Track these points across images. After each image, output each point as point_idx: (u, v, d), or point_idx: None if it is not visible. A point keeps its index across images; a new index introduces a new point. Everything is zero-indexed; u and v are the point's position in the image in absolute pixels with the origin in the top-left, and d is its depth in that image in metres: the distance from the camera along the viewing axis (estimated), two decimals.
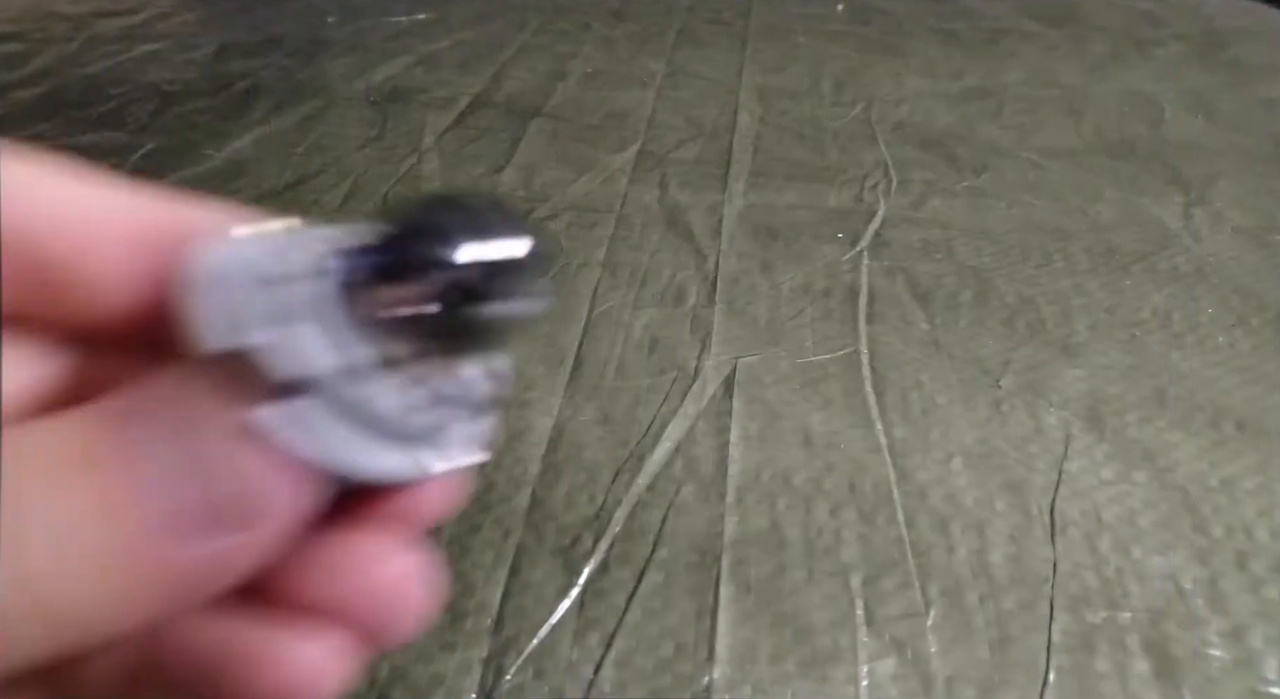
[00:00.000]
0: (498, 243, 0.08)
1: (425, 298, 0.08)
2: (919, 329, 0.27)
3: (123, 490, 0.08)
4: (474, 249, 0.08)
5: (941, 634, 0.17)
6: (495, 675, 0.16)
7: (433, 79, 0.47)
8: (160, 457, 0.08)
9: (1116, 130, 0.41)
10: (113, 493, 0.08)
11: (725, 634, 0.17)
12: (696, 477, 0.21)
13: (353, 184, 0.35)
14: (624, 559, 0.18)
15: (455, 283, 0.08)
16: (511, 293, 0.08)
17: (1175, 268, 0.30)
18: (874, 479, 0.21)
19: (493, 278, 0.08)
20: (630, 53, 0.51)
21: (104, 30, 0.53)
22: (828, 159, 0.38)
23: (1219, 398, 0.24)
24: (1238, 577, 0.19)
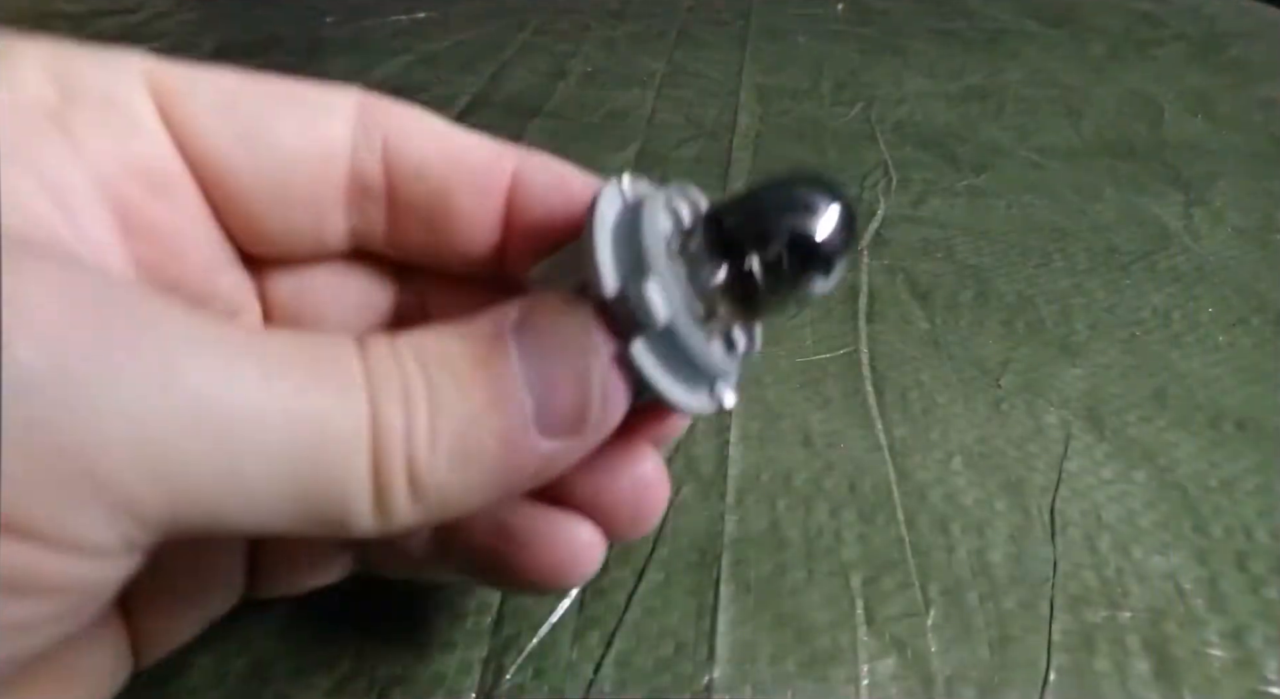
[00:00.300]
0: (825, 221, 0.10)
1: (753, 269, 0.10)
2: (919, 328, 0.27)
3: (511, 389, 0.10)
4: (806, 229, 0.10)
5: (941, 634, 0.17)
6: (495, 675, 0.16)
7: (432, 78, 0.47)
8: (543, 366, 0.10)
9: (1116, 130, 0.41)
10: (503, 390, 0.10)
11: (725, 634, 0.17)
12: (697, 476, 0.21)
13: None
14: (624, 558, 0.18)
15: (777, 259, 0.10)
16: (820, 271, 0.10)
17: (1175, 267, 0.30)
18: (874, 479, 0.21)
19: (809, 258, 0.10)
20: (630, 52, 0.51)
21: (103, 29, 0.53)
22: (827, 158, 0.38)
23: (1219, 397, 0.24)
24: (1238, 577, 0.19)
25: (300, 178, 0.11)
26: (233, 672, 0.16)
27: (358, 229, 0.12)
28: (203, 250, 0.12)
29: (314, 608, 0.17)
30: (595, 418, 0.10)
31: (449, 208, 0.12)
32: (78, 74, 0.10)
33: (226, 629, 0.17)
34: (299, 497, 0.09)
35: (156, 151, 0.11)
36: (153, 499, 0.08)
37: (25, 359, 0.07)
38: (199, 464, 0.08)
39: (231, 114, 0.11)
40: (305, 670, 0.16)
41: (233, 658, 0.16)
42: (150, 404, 0.08)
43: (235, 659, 0.16)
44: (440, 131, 0.12)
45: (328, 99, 0.12)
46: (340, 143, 0.12)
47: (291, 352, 0.09)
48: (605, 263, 0.10)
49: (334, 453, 0.09)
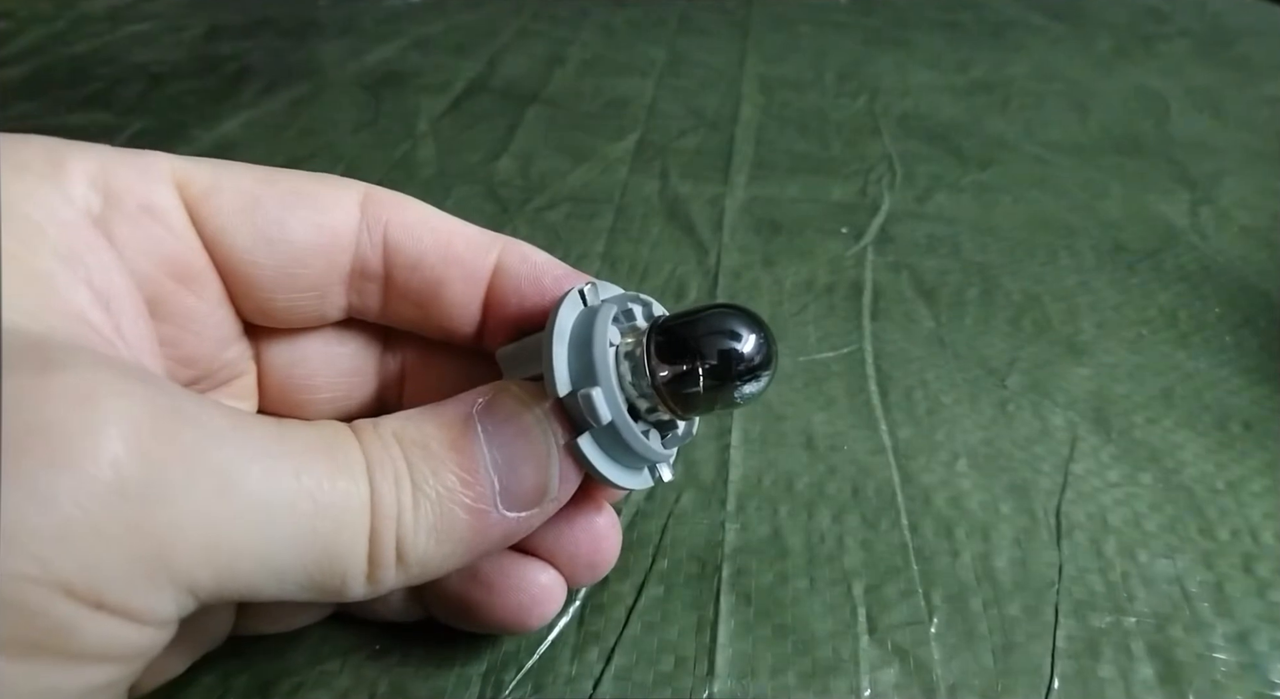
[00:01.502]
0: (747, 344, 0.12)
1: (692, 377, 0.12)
2: (924, 326, 0.26)
3: (479, 470, 0.11)
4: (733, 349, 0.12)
5: (945, 642, 0.17)
6: (494, 690, 0.16)
7: (427, 63, 0.46)
8: (506, 451, 0.11)
9: (1123, 126, 0.40)
10: (472, 472, 0.11)
11: (725, 646, 0.17)
12: (696, 483, 0.20)
13: (345, 169, 0.35)
14: (623, 573, 0.18)
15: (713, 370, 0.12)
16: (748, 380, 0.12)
17: (1182, 266, 0.30)
18: (877, 483, 0.21)
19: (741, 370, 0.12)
20: (630, 39, 0.51)
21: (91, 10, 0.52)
22: (831, 151, 0.38)
23: (1226, 398, 0.24)
24: (1244, 580, 0.18)
25: (309, 269, 0.13)
26: (233, 690, 0.16)
27: (355, 304, 0.14)
28: (218, 328, 0.14)
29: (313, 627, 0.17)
30: (551, 495, 0.12)
31: (439, 294, 0.14)
32: (118, 182, 0.12)
33: (227, 648, 0.16)
34: (311, 571, 0.10)
35: (185, 248, 0.13)
36: (206, 580, 0.09)
37: (125, 468, 0.09)
38: (245, 552, 0.10)
39: (250, 216, 0.13)
40: (305, 687, 0.16)
41: (234, 676, 0.16)
42: (214, 507, 0.09)
43: (236, 677, 0.16)
44: (434, 225, 0.14)
45: (337, 195, 0.13)
46: (346, 237, 0.13)
47: (313, 445, 0.11)
48: (559, 369, 0.12)
49: (344, 534, 0.10)
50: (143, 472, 0.09)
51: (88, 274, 0.11)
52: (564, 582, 0.15)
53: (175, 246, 0.12)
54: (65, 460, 0.08)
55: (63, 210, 0.11)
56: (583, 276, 0.14)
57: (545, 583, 0.14)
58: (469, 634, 0.17)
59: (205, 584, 0.09)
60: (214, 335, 0.13)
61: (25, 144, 0.11)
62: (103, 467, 0.08)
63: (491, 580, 0.14)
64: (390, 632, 0.17)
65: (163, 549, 0.09)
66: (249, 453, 0.10)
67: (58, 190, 0.11)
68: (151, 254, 0.12)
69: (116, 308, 0.11)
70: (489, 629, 0.15)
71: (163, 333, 0.13)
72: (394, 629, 0.17)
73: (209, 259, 0.13)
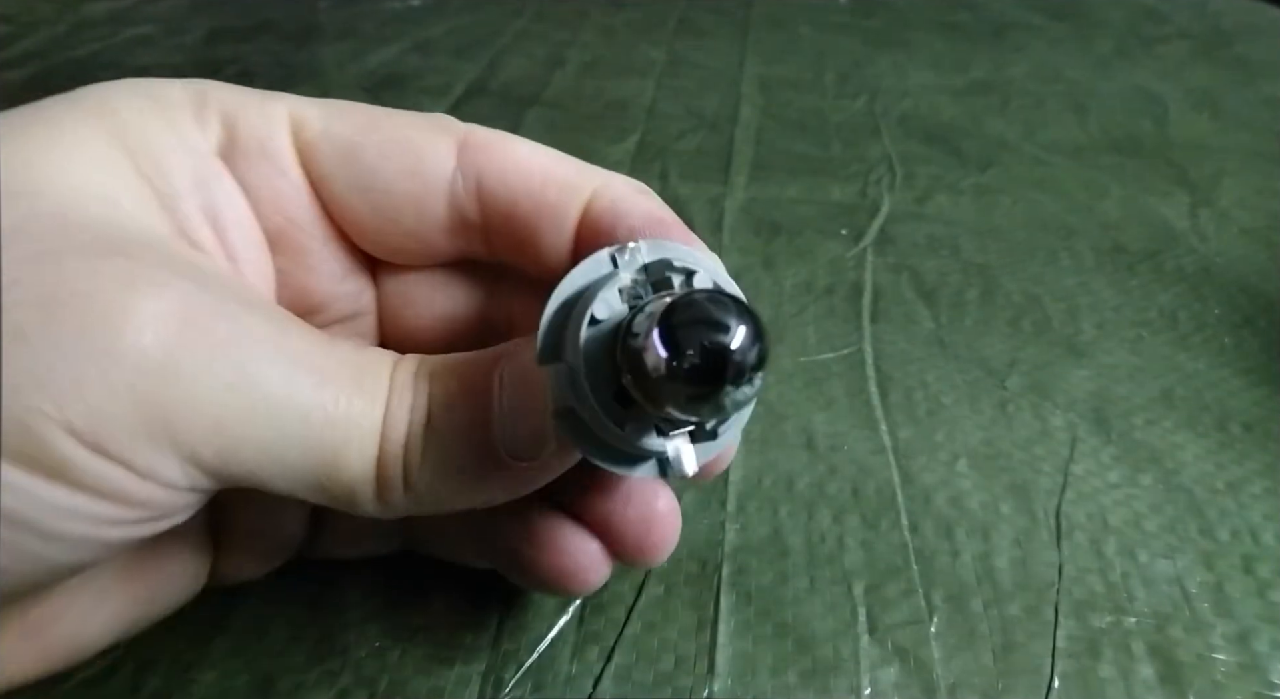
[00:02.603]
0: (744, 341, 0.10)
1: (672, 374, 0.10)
2: (924, 327, 0.26)
3: (488, 415, 0.12)
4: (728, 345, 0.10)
5: (945, 641, 0.17)
6: (494, 689, 0.16)
7: (427, 65, 0.46)
8: (515, 399, 0.12)
9: (1122, 127, 0.40)
10: (481, 416, 0.12)
11: (725, 646, 0.17)
12: (696, 483, 0.20)
13: None
14: (623, 573, 0.18)
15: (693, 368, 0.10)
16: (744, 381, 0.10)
17: (1182, 268, 0.30)
18: (878, 483, 0.21)
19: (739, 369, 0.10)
20: (629, 41, 0.51)
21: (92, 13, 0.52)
22: (831, 152, 0.38)
23: (1226, 399, 0.24)
24: (1244, 580, 0.18)
25: (404, 215, 0.14)
26: (235, 688, 0.16)
27: (462, 248, 0.15)
28: (329, 264, 0.15)
29: (315, 625, 0.17)
30: (549, 449, 0.12)
31: (536, 240, 0.14)
32: (244, 123, 0.13)
33: (229, 645, 0.16)
34: (319, 475, 0.11)
35: (293, 189, 0.14)
36: (209, 457, 0.11)
37: (149, 351, 0.10)
38: (250, 440, 0.11)
39: (348, 165, 0.14)
40: (306, 685, 0.16)
41: (235, 674, 0.16)
42: (225, 396, 0.10)
43: (238, 675, 0.16)
44: (528, 168, 0.14)
45: (434, 142, 0.14)
46: (439, 187, 0.14)
47: (345, 364, 0.12)
48: (542, 337, 0.11)
49: (351, 449, 0.11)
50: (164, 352, 0.10)
51: (206, 198, 0.13)
52: (609, 556, 0.15)
53: (285, 186, 0.14)
54: (95, 329, 0.10)
55: (196, 142, 0.13)
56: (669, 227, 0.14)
57: (591, 552, 0.15)
58: (470, 632, 0.17)
59: (208, 460, 0.10)
60: (324, 270, 0.15)
61: (171, 86, 0.13)
62: (127, 341, 0.10)
63: (542, 540, 0.15)
64: (391, 630, 0.17)
65: (167, 419, 0.10)
66: (276, 358, 0.11)
67: (197, 126, 0.13)
68: (266, 191, 0.14)
69: (232, 232, 0.13)
70: (534, 586, 0.16)
71: (279, 265, 0.14)
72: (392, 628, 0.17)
73: (316, 199, 0.14)
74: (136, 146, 0.12)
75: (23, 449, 0.10)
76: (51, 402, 0.10)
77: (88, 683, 0.16)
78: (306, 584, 0.18)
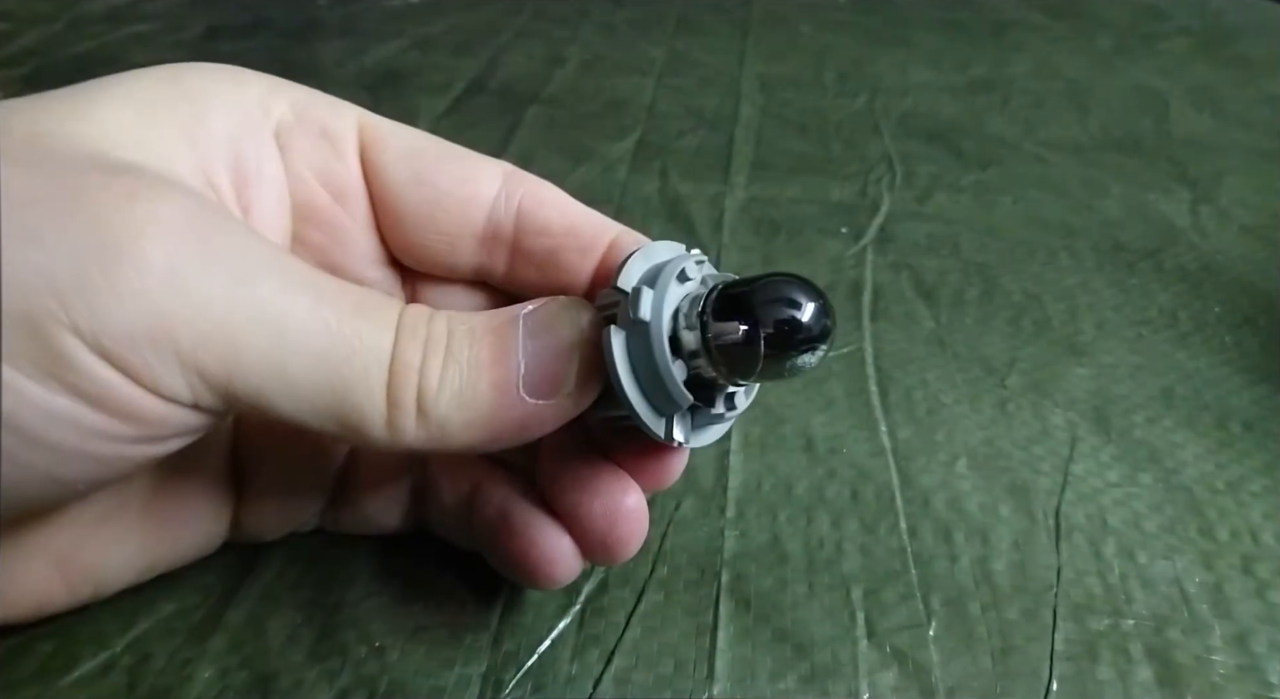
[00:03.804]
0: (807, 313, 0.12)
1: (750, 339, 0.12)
2: (924, 326, 0.26)
3: (510, 353, 0.13)
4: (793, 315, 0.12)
5: (943, 645, 0.17)
6: (494, 690, 0.16)
7: (427, 63, 0.46)
8: (537, 341, 0.13)
9: (1122, 125, 0.40)
10: (504, 352, 0.13)
11: (724, 651, 0.17)
12: (696, 489, 0.20)
13: None
14: (624, 578, 0.18)
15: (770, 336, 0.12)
16: (805, 349, 0.12)
17: (1182, 266, 0.30)
18: (877, 485, 0.21)
19: (798, 338, 0.12)
20: (629, 39, 0.51)
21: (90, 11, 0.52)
22: (831, 151, 0.38)
23: (1226, 398, 0.24)
24: (1243, 581, 0.18)
25: (447, 214, 0.15)
26: (233, 686, 0.16)
27: (484, 264, 0.16)
28: (362, 247, 0.16)
29: (314, 624, 0.17)
30: (567, 388, 0.13)
31: (558, 260, 0.15)
32: (312, 110, 0.15)
33: (226, 642, 0.16)
34: (325, 395, 0.11)
35: (346, 171, 0.15)
36: (214, 368, 0.11)
37: (151, 256, 0.10)
38: (253, 351, 0.11)
39: (409, 160, 0.15)
40: (305, 684, 0.16)
41: (234, 671, 0.16)
42: (225, 304, 0.11)
43: (237, 673, 0.16)
44: (564, 205, 0.16)
45: (485, 165, 0.16)
46: (484, 196, 0.15)
47: (344, 292, 0.12)
48: (630, 271, 0.13)
49: (357, 368, 0.12)
50: (164, 259, 0.10)
51: (237, 153, 0.13)
52: (578, 554, 0.15)
53: (338, 167, 0.15)
54: (99, 236, 0.10)
55: (248, 109, 0.14)
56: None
57: (557, 546, 0.15)
58: (470, 633, 0.17)
59: (214, 373, 0.11)
60: (357, 252, 0.16)
61: (250, 75, 0.15)
62: (129, 247, 0.10)
63: (515, 526, 0.15)
64: (391, 630, 0.17)
65: (169, 326, 0.10)
66: (274, 273, 0.11)
67: (258, 100, 0.14)
68: (316, 168, 0.15)
69: (253, 189, 0.14)
70: (508, 574, 0.16)
71: (312, 238, 0.15)
72: (392, 628, 0.17)
73: (365, 187, 0.15)
74: (187, 103, 0.13)
75: (26, 350, 0.10)
76: (59, 303, 0.10)
77: (85, 679, 0.16)
78: (305, 582, 0.18)
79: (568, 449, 0.16)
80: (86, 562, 0.15)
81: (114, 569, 0.15)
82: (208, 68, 0.14)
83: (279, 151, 0.14)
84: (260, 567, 0.18)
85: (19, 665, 0.16)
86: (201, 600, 0.17)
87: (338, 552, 0.18)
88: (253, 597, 0.17)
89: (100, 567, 0.15)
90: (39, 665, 0.16)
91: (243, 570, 0.18)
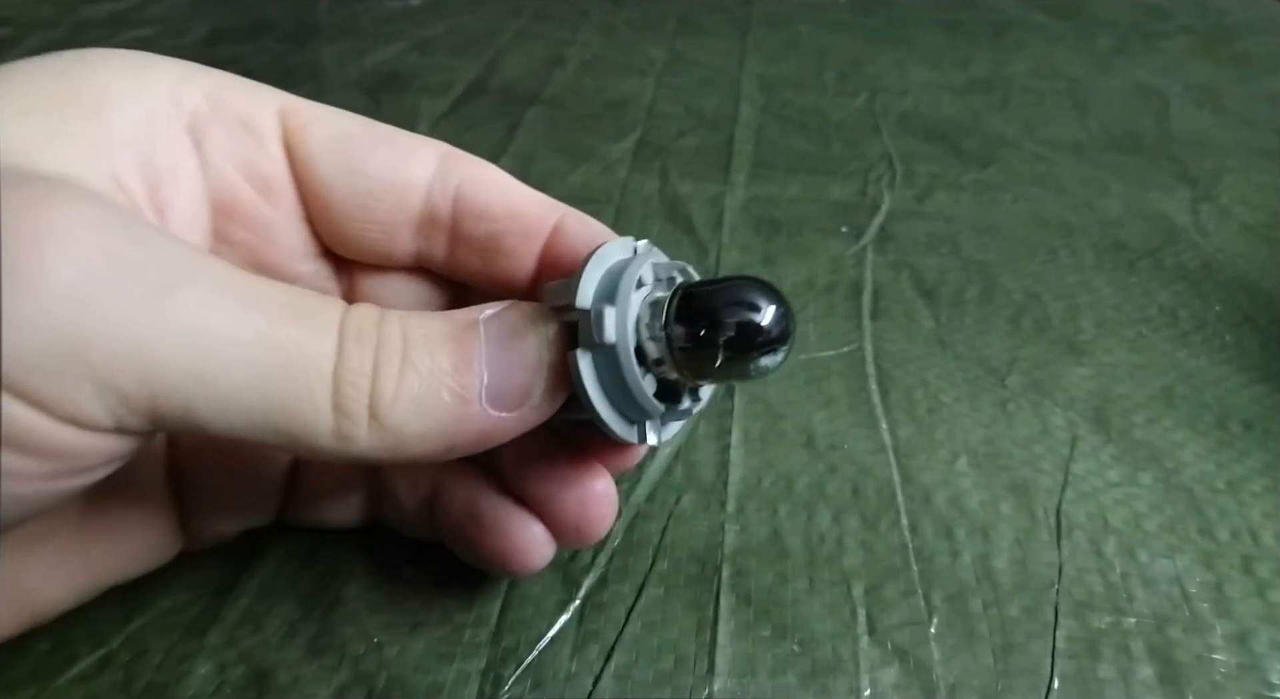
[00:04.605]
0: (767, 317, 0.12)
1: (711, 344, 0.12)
2: (924, 326, 0.26)
3: (473, 362, 0.12)
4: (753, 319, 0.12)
5: (944, 642, 0.17)
6: (494, 686, 0.16)
7: (427, 65, 0.46)
8: (502, 352, 0.12)
9: (1123, 124, 0.40)
10: (466, 361, 0.12)
11: (725, 646, 0.17)
12: (696, 484, 0.20)
13: None
14: (623, 573, 0.18)
15: (730, 340, 0.12)
16: (766, 352, 0.12)
17: (1182, 264, 0.30)
18: (877, 482, 0.21)
19: (758, 341, 0.12)
20: (629, 40, 0.51)
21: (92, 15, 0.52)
22: (831, 151, 0.38)
23: (1226, 397, 0.24)
24: (1243, 580, 0.18)
25: (381, 203, 0.14)
26: (230, 682, 0.16)
27: (423, 250, 0.15)
28: (292, 241, 0.15)
29: (311, 619, 0.17)
30: (534, 401, 0.12)
31: (500, 244, 0.15)
32: (228, 99, 0.14)
33: (224, 638, 0.16)
34: (262, 408, 0.11)
35: (270, 162, 0.14)
36: (134, 389, 0.10)
37: (51, 274, 0.09)
38: (176, 368, 0.10)
39: (337, 147, 0.14)
40: (303, 680, 0.16)
41: (231, 667, 0.16)
42: (141, 317, 0.10)
43: (234, 669, 0.16)
44: (505, 185, 0.15)
45: (418, 147, 0.15)
46: (419, 181, 0.14)
47: (275, 295, 0.11)
48: (586, 285, 0.12)
49: (296, 377, 0.11)
50: (67, 276, 0.09)
51: (144, 150, 0.13)
52: (552, 540, 0.15)
53: (261, 159, 0.14)
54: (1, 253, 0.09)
55: (157, 107, 0.13)
56: None
57: (531, 535, 0.15)
58: (469, 629, 0.17)
59: (135, 394, 0.10)
60: (287, 247, 0.15)
61: (158, 58, 0.13)
62: (32, 261, 0.09)
63: (484, 520, 0.15)
64: (390, 626, 0.17)
65: (79, 349, 0.09)
66: (193, 280, 0.10)
67: (167, 97, 0.13)
68: (237, 161, 0.14)
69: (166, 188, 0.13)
70: (478, 565, 0.16)
71: (238, 236, 0.14)
72: (391, 624, 0.17)
73: (292, 177, 0.14)
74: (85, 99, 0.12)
75: None
76: None
77: (82, 676, 0.16)
78: (302, 577, 0.18)
79: (532, 440, 0.15)
80: (25, 590, 0.14)
81: (56, 595, 0.14)
82: (108, 57, 0.13)
83: (194, 146, 0.13)
84: (257, 562, 0.18)
85: (16, 664, 0.16)
86: (198, 596, 0.17)
87: (336, 547, 0.18)
88: (250, 592, 0.17)
89: (39, 593, 0.14)
90: (37, 664, 0.16)
91: (240, 566, 0.18)
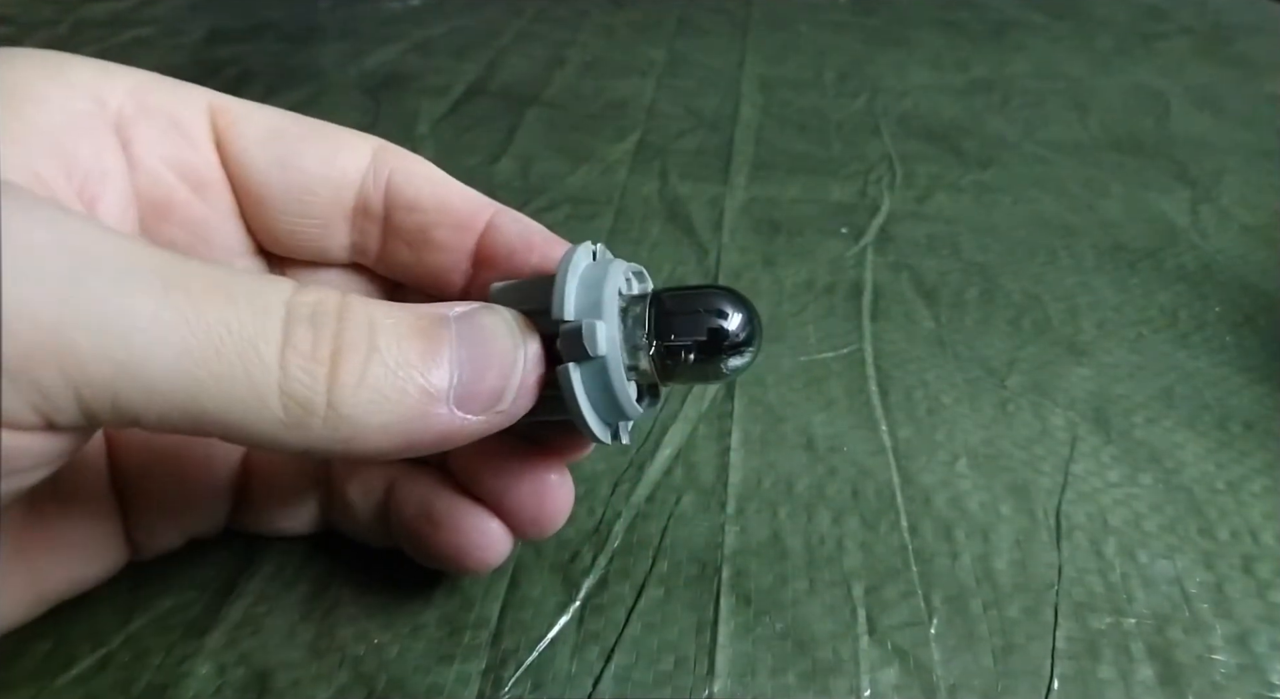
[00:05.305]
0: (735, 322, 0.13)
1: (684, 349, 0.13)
2: (924, 327, 0.26)
3: (442, 358, 0.11)
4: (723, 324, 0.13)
5: (944, 643, 0.17)
6: (494, 687, 0.16)
7: (427, 65, 0.46)
8: (475, 354, 0.12)
9: (1123, 125, 0.40)
10: (436, 356, 0.11)
11: (725, 647, 0.17)
12: (697, 485, 0.20)
13: None
14: (623, 574, 0.18)
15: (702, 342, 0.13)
16: (732, 354, 0.13)
17: (1182, 265, 0.30)
18: (877, 484, 0.21)
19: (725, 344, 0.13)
20: (629, 41, 0.51)
21: (92, 14, 0.52)
22: (831, 151, 0.38)
23: (1226, 397, 0.24)
24: (1243, 581, 0.18)
25: (315, 197, 0.15)
26: (231, 683, 0.16)
27: (356, 244, 0.15)
28: (227, 240, 0.15)
29: (311, 620, 0.17)
30: (503, 406, 0.12)
31: (430, 237, 0.15)
32: (154, 99, 0.14)
33: (224, 639, 0.16)
34: (195, 395, 0.10)
35: (202, 160, 0.14)
36: (54, 381, 0.09)
37: None
38: (98, 356, 0.09)
39: (270, 144, 0.14)
40: (303, 682, 0.16)
41: (230, 669, 0.16)
42: (53, 306, 0.09)
43: (233, 670, 0.16)
44: (436, 178, 0.15)
45: (352, 140, 0.15)
46: (353, 175, 0.15)
47: (202, 274, 0.10)
48: (569, 297, 0.13)
49: (228, 360, 0.10)
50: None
51: (69, 152, 0.12)
52: (509, 534, 0.15)
53: (192, 157, 0.14)
54: None
55: (78, 105, 0.13)
56: (567, 244, 0.15)
57: (487, 530, 0.15)
58: (469, 630, 0.17)
59: (57, 387, 0.09)
60: (221, 244, 0.15)
61: (81, 59, 0.13)
62: None
63: (438, 518, 0.15)
64: (390, 627, 0.17)
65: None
66: (110, 262, 0.10)
67: (88, 96, 0.13)
68: (168, 159, 0.14)
69: (93, 186, 0.13)
70: (434, 564, 0.16)
71: (172, 234, 0.14)
72: (391, 625, 0.17)
73: (224, 175, 0.14)
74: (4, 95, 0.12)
75: None
76: None
77: (82, 676, 0.16)
78: (302, 578, 0.18)
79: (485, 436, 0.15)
80: None
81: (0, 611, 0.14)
82: (24, 55, 0.13)
83: (121, 145, 0.13)
84: (257, 563, 0.18)
85: (16, 664, 0.16)
86: (198, 596, 0.17)
87: (336, 547, 0.18)
88: (250, 593, 0.17)
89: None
90: (36, 664, 0.16)
91: (240, 566, 0.18)
